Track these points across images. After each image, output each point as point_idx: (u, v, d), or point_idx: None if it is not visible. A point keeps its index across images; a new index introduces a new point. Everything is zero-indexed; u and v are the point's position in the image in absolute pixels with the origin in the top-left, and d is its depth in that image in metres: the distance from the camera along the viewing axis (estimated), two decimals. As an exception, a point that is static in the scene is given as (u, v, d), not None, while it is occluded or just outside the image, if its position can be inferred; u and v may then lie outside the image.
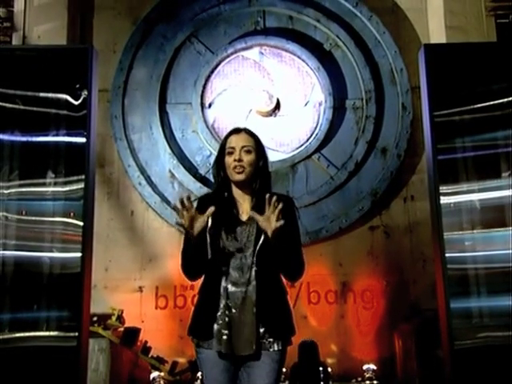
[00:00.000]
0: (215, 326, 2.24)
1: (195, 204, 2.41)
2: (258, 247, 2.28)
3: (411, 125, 5.30)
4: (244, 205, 2.39)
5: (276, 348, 2.26)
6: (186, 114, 5.38)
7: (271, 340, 2.26)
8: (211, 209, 2.21)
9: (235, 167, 2.35)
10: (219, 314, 2.25)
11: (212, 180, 5.16)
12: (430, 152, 3.29)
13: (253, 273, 2.27)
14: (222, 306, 2.26)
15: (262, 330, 2.24)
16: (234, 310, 2.25)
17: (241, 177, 2.35)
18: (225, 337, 2.22)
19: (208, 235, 2.30)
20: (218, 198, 2.39)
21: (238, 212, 2.38)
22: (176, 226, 2.21)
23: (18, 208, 3.22)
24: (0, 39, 5.31)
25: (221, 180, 2.42)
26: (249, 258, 2.29)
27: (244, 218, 2.36)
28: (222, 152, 2.42)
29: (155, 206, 5.20)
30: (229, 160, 2.38)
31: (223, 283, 2.28)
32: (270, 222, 2.20)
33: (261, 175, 2.40)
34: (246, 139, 2.41)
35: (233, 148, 2.38)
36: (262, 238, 2.28)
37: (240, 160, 2.35)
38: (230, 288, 2.27)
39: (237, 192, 2.42)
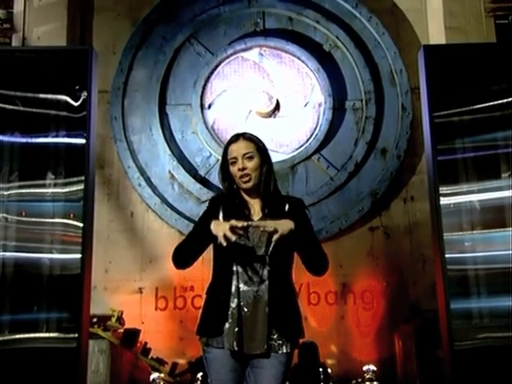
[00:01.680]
0: (226, 324, 2.25)
1: (207, 203, 2.49)
2: (270, 247, 2.29)
3: (411, 125, 5.30)
4: (255, 206, 2.43)
5: (284, 350, 2.26)
6: (185, 115, 5.39)
7: (280, 342, 2.25)
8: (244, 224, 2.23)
9: (241, 177, 2.39)
10: (230, 312, 2.26)
11: (213, 182, 5.23)
12: (430, 153, 3.29)
13: (265, 272, 2.29)
14: (233, 304, 2.26)
15: (272, 331, 2.24)
16: (246, 309, 2.26)
17: (249, 185, 2.40)
18: (236, 334, 2.22)
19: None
20: (229, 200, 2.43)
21: (249, 213, 2.41)
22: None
23: (17, 209, 3.21)
24: (0, 40, 5.32)
25: (230, 187, 2.46)
26: (261, 257, 2.30)
27: (255, 218, 2.39)
28: (226, 162, 2.45)
29: (155, 207, 5.20)
30: (234, 170, 2.41)
31: (235, 282, 2.29)
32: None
33: (266, 177, 2.42)
34: (245, 146, 2.42)
35: (235, 158, 2.41)
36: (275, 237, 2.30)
37: (244, 168, 2.38)
38: (243, 287, 2.28)
39: (246, 196, 2.46)
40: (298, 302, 2.40)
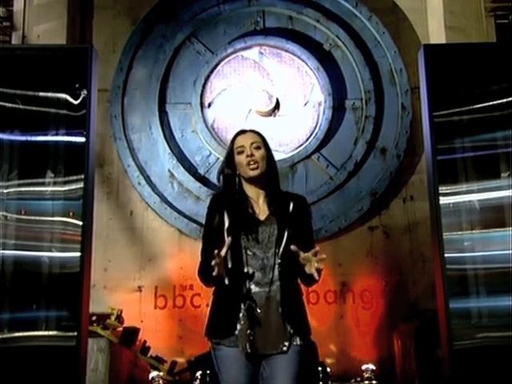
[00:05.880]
0: (238, 326, 2.24)
1: (207, 207, 2.45)
2: (281, 249, 2.29)
3: (411, 125, 5.30)
4: (259, 203, 2.41)
5: (299, 342, 2.27)
6: (185, 113, 5.39)
7: (294, 335, 2.26)
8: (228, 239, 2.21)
9: (249, 163, 2.37)
10: (242, 314, 2.26)
11: (212, 181, 5.22)
12: (430, 152, 3.29)
13: (276, 273, 2.28)
14: (244, 306, 2.26)
15: (287, 327, 2.25)
16: (258, 310, 2.25)
17: (256, 172, 2.37)
18: (251, 337, 2.22)
19: (227, 236, 2.29)
20: (231, 198, 2.40)
21: (254, 212, 2.38)
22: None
23: (17, 207, 3.21)
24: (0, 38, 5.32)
25: (232, 180, 2.43)
26: (271, 258, 2.29)
27: (262, 217, 2.37)
28: (232, 154, 2.44)
29: (154, 206, 5.20)
30: (240, 158, 2.40)
31: (247, 284, 2.28)
32: (311, 264, 2.19)
33: (271, 169, 2.43)
34: (253, 137, 2.45)
35: (242, 146, 2.41)
36: (285, 239, 2.29)
37: (252, 155, 2.38)
38: (254, 288, 2.27)
39: (249, 190, 2.42)
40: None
